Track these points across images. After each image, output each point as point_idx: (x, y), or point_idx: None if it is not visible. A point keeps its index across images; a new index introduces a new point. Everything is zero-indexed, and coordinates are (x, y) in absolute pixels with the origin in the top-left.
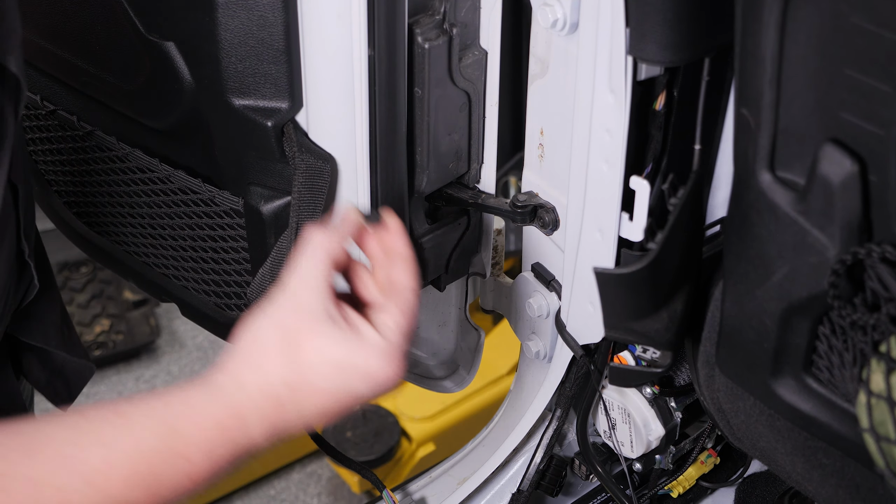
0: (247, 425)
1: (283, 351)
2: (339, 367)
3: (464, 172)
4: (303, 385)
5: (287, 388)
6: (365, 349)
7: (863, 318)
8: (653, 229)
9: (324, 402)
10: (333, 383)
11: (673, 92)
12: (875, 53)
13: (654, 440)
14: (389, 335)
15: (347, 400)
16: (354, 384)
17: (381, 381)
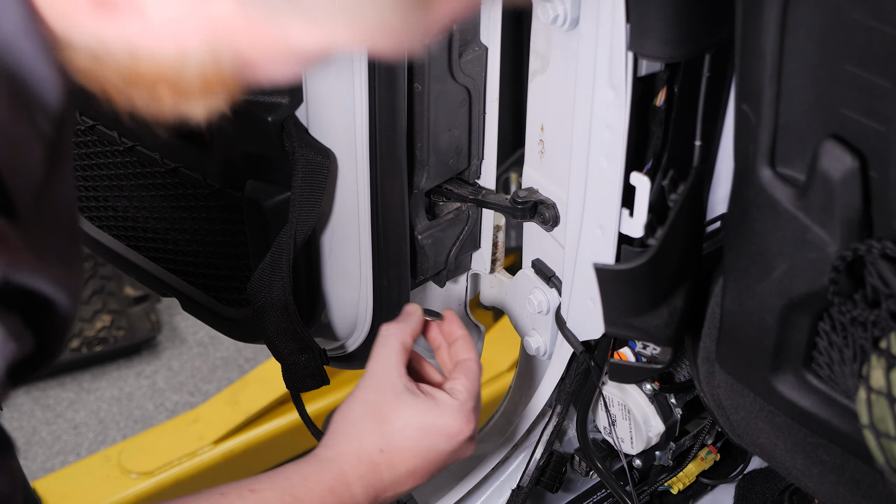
0: (350, 487)
1: (373, 422)
2: (421, 429)
3: (464, 168)
4: (392, 448)
5: (380, 453)
6: (442, 410)
7: (863, 314)
8: (653, 225)
9: (413, 462)
10: (419, 444)
11: (673, 88)
12: (875, 49)
13: (654, 436)
14: (460, 396)
15: (433, 457)
16: (437, 442)
17: (460, 437)
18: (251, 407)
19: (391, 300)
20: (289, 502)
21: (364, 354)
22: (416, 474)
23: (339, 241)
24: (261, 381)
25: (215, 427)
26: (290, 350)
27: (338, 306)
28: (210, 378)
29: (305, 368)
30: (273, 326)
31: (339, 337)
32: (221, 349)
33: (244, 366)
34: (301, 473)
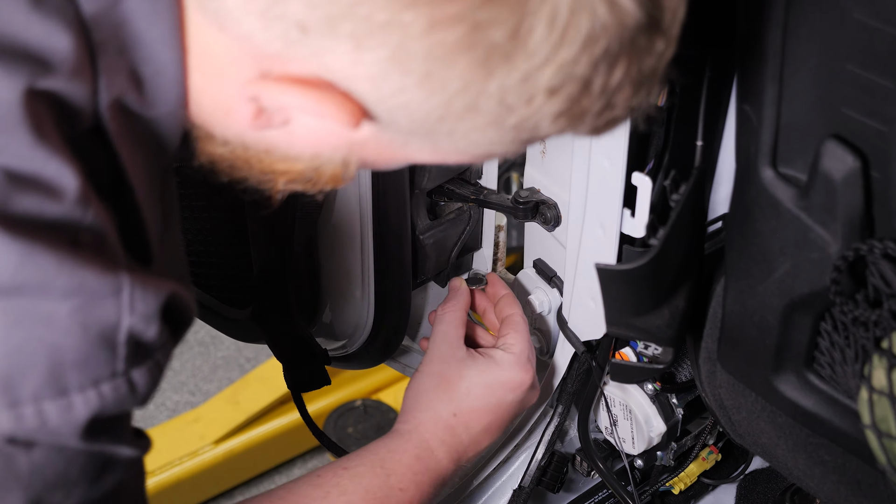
0: (434, 453)
1: (442, 391)
2: (487, 387)
3: (465, 168)
4: (464, 410)
5: (454, 417)
6: (501, 366)
7: (865, 314)
8: (655, 225)
9: (486, 419)
10: (488, 401)
11: (675, 88)
12: (877, 49)
13: (656, 436)
14: (514, 350)
15: (503, 410)
16: (504, 396)
17: (523, 386)
18: (252, 406)
19: (392, 300)
20: (380, 474)
21: (365, 354)
22: (491, 429)
23: (341, 241)
24: (262, 381)
25: (216, 426)
26: (291, 350)
27: (339, 306)
28: (211, 377)
29: (306, 368)
30: (274, 326)
31: (340, 337)
32: (222, 348)
33: (245, 365)
34: (387, 447)
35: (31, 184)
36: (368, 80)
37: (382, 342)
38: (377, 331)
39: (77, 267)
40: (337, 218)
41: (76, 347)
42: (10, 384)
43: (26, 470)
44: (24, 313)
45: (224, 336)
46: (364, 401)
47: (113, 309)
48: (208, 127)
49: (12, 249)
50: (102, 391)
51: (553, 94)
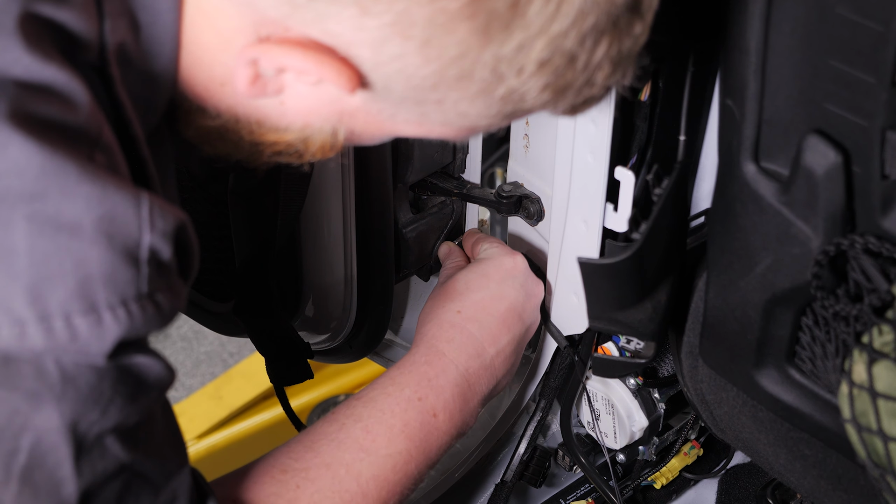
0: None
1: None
2: (482, 276)
3: (449, 162)
4: (466, 304)
5: (458, 314)
6: (488, 259)
7: (845, 308)
8: (637, 220)
9: (492, 307)
10: (488, 290)
11: (658, 83)
12: (859, 44)
13: (638, 431)
14: (494, 246)
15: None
16: (501, 281)
17: (517, 268)
18: (235, 402)
19: (375, 294)
20: (393, 391)
21: (348, 349)
22: (506, 319)
23: (323, 235)
24: (245, 376)
25: (199, 422)
26: (273, 344)
27: (322, 300)
28: (194, 373)
29: (289, 362)
30: (256, 320)
31: (323, 331)
32: (205, 344)
33: (228, 360)
34: (397, 366)
35: (47, 92)
36: (369, 46)
37: (365, 336)
38: (360, 325)
39: (98, 177)
40: (319, 211)
41: (102, 259)
42: (39, 294)
43: (56, 378)
44: (49, 221)
45: (207, 331)
46: (347, 396)
47: (135, 223)
48: (201, 99)
49: (34, 153)
50: (131, 310)
51: (542, 66)
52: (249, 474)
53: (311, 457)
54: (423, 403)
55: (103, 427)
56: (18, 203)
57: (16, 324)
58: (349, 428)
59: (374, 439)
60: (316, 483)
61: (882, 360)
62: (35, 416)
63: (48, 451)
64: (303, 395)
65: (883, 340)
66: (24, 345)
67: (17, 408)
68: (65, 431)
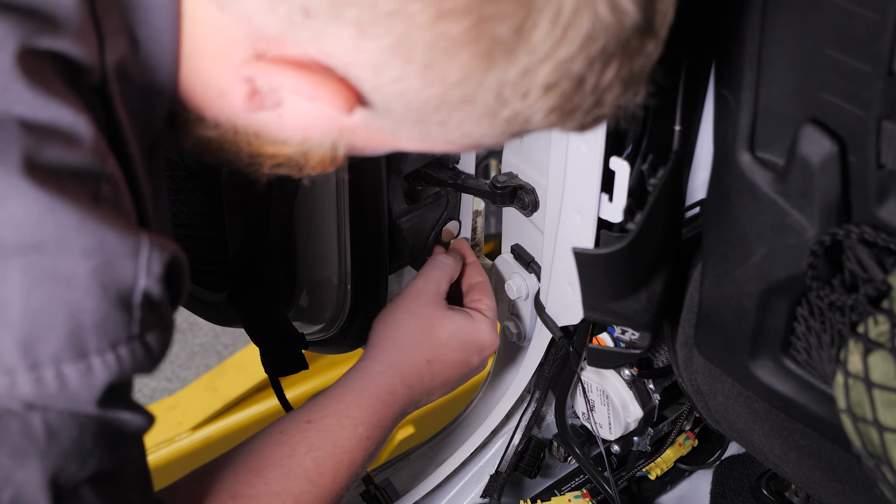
0: (399, 398)
1: (422, 334)
2: (463, 342)
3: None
4: (438, 360)
5: (427, 364)
6: (478, 326)
7: (841, 298)
8: (632, 210)
9: (450, 373)
10: (459, 356)
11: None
12: (855, 33)
13: (633, 422)
14: (489, 314)
15: (464, 370)
16: (471, 356)
17: (488, 351)
18: (229, 393)
19: (369, 285)
20: (348, 425)
21: (343, 339)
22: (448, 385)
23: (318, 225)
24: (239, 368)
25: (193, 413)
26: (268, 334)
27: (316, 290)
28: (188, 364)
29: (284, 353)
30: (250, 310)
31: (317, 321)
32: (200, 335)
33: (222, 352)
34: (353, 392)
35: (50, 133)
36: (368, 67)
37: (360, 327)
38: (354, 315)
39: (98, 225)
40: (314, 201)
41: (95, 308)
42: (31, 345)
43: (42, 434)
44: (45, 272)
45: (202, 323)
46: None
47: (131, 270)
48: (200, 109)
49: (34, 203)
50: (120, 354)
51: (548, 90)
52: (198, 497)
53: (259, 483)
54: (370, 443)
55: (80, 477)
56: (14, 254)
57: (6, 374)
58: (300, 457)
59: (323, 473)
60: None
61: (877, 350)
62: (17, 472)
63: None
64: (298, 386)
65: (878, 330)
66: (14, 394)
67: (1, 464)
68: (45, 485)
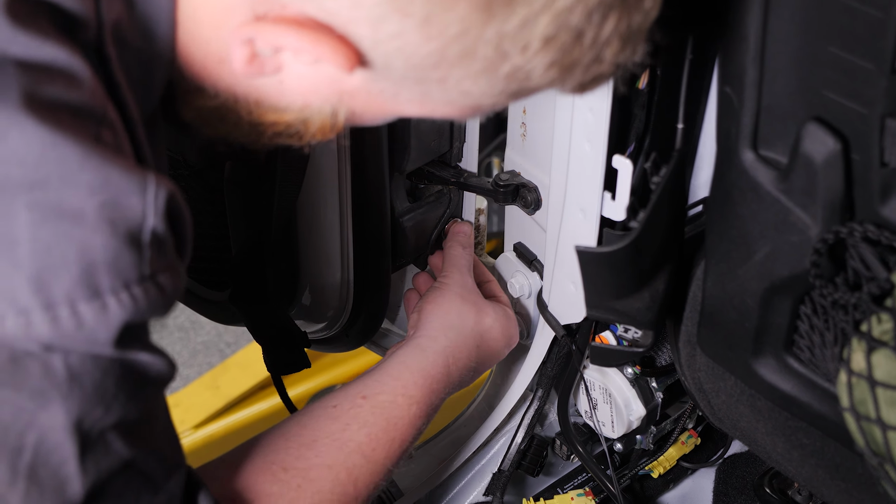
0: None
1: (473, 320)
2: (503, 332)
3: (446, 151)
4: (483, 346)
5: (476, 349)
6: (512, 318)
7: (844, 297)
8: (635, 208)
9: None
10: (497, 346)
11: (656, 70)
12: (859, 30)
13: (635, 420)
14: (510, 309)
15: (492, 362)
16: (503, 347)
17: (515, 342)
18: (232, 391)
19: (372, 283)
20: (402, 403)
21: (345, 337)
22: (478, 372)
23: (320, 223)
24: (242, 366)
25: (196, 412)
26: (270, 333)
27: (318, 289)
28: (190, 363)
29: (286, 352)
30: (253, 308)
31: (320, 319)
32: (202, 333)
33: (225, 350)
34: (410, 370)
35: (48, 72)
36: (367, 23)
37: (362, 325)
38: (357, 314)
39: (102, 162)
40: (316, 200)
41: (105, 246)
42: (44, 284)
43: (63, 376)
44: (52, 209)
45: (204, 321)
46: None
47: (139, 207)
48: (199, 79)
49: (35, 138)
50: (135, 294)
51: (547, 42)
52: (246, 469)
53: (312, 456)
54: (421, 421)
55: (106, 423)
56: (19, 191)
57: (21, 313)
58: (354, 431)
59: (376, 449)
60: (317, 484)
61: (881, 348)
62: (40, 415)
63: (53, 448)
64: (300, 385)
65: (882, 329)
66: (30, 335)
67: (22, 406)
68: (70, 429)
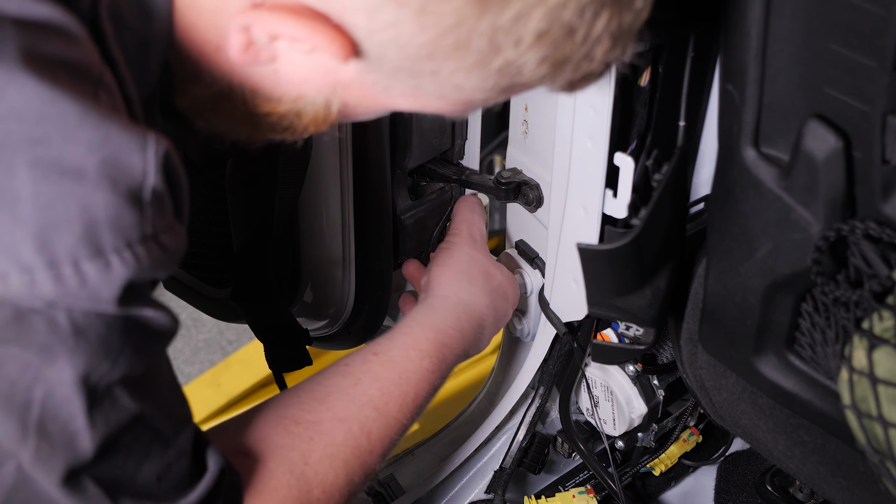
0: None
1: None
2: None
3: (447, 148)
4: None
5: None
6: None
7: (846, 294)
8: (637, 206)
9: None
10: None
11: (658, 68)
12: (860, 28)
13: (637, 418)
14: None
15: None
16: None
17: (516, 303)
18: (233, 389)
19: (374, 281)
20: (413, 357)
21: (347, 335)
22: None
23: (322, 220)
24: (243, 364)
25: (197, 409)
26: (272, 330)
27: (320, 286)
28: (192, 360)
29: (288, 349)
30: (254, 306)
31: (321, 317)
32: (204, 331)
33: (227, 348)
34: (420, 326)
35: (45, 29)
36: (363, 12)
37: (364, 322)
38: (358, 311)
39: (101, 119)
40: (318, 197)
41: (107, 203)
42: (47, 241)
43: (68, 331)
44: (53, 165)
45: (206, 319)
46: None
47: (139, 165)
48: (196, 66)
49: (34, 95)
50: (137, 252)
51: (540, 37)
52: (258, 424)
53: (323, 410)
54: (434, 376)
55: (113, 378)
56: (20, 148)
57: (25, 271)
58: (365, 385)
59: (388, 402)
60: (329, 436)
61: (882, 345)
62: (47, 370)
63: (61, 403)
64: None
65: (883, 326)
66: (34, 293)
67: (28, 362)
68: (77, 384)
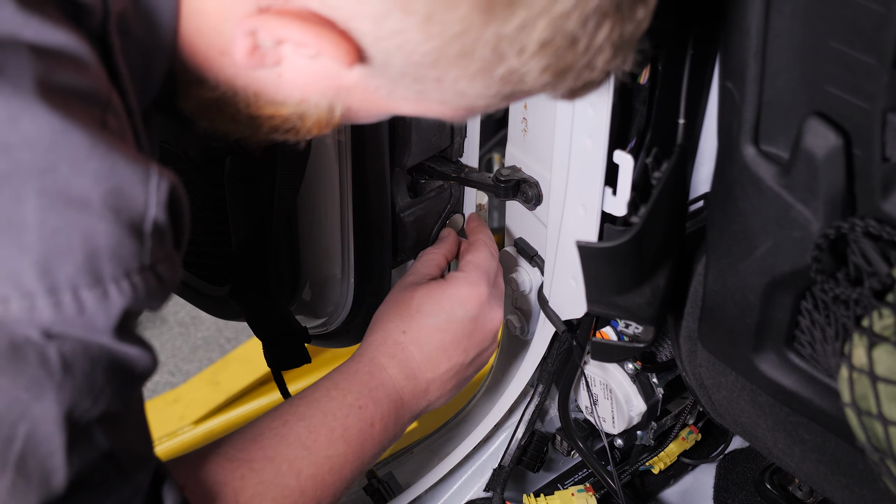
0: (385, 368)
1: (394, 311)
2: (436, 303)
3: (447, 146)
4: (414, 327)
5: (403, 334)
6: (450, 283)
7: (845, 292)
8: (636, 204)
9: (437, 337)
10: (437, 317)
11: (657, 66)
12: (861, 25)
13: (636, 416)
14: (467, 268)
15: (456, 327)
16: (454, 311)
17: (472, 300)
18: (232, 387)
19: (373, 278)
20: (336, 395)
21: (346, 333)
22: (447, 349)
23: (321, 218)
24: (242, 361)
25: (196, 407)
26: (270, 328)
27: (319, 284)
28: (191, 358)
29: (286, 347)
30: (253, 304)
31: (320, 315)
32: (202, 329)
33: (225, 346)
34: (339, 371)
35: (58, 57)
36: (370, 19)
37: (362, 320)
38: (357, 309)
39: (108, 150)
40: (317, 195)
41: (109, 233)
42: (49, 268)
43: (58, 366)
44: (60, 195)
45: (204, 316)
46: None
47: (142, 197)
48: (201, 70)
49: (46, 125)
50: (135, 283)
51: (543, 46)
52: (198, 462)
53: (255, 448)
54: (363, 412)
55: (92, 415)
56: (30, 177)
57: (26, 297)
58: (292, 425)
59: (316, 439)
60: (260, 475)
61: (882, 343)
62: (34, 406)
63: (43, 440)
64: (300, 380)
65: (883, 324)
66: (33, 319)
67: (18, 397)
68: (60, 421)
